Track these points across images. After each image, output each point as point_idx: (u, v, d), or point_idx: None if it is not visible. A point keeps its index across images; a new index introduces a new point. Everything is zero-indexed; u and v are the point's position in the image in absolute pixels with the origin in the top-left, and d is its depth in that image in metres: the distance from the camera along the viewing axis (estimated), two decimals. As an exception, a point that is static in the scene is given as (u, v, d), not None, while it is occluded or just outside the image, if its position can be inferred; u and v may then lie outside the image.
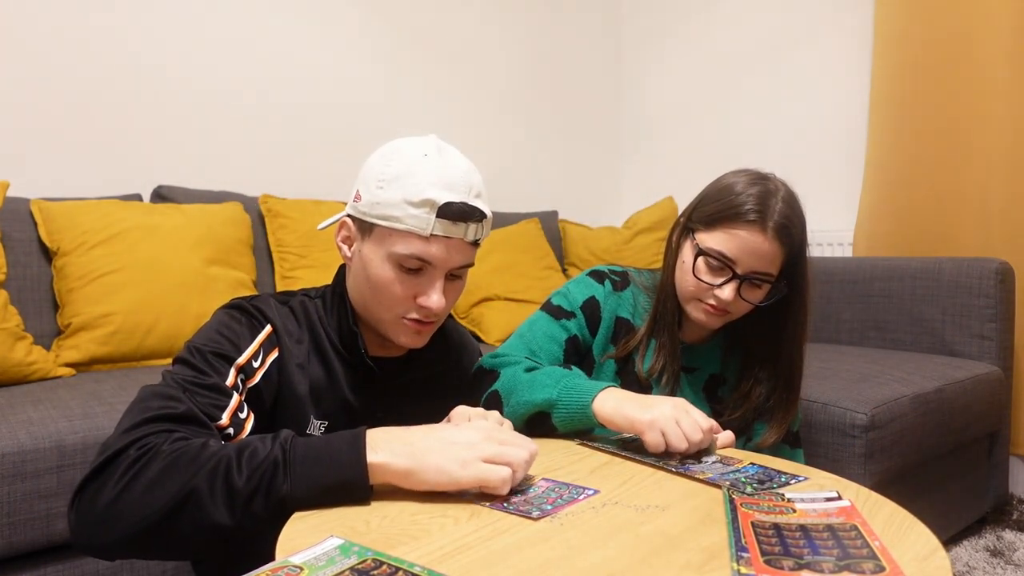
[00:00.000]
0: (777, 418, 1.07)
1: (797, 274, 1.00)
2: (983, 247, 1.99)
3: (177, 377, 0.75)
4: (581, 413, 0.87)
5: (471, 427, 0.70)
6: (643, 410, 0.82)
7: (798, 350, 1.05)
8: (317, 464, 0.65)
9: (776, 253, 0.96)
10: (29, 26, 1.71)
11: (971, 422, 1.62)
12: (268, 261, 1.88)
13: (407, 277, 0.83)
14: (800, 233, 0.98)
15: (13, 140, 1.70)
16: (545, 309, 1.10)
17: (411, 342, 0.88)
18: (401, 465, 0.65)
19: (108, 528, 0.64)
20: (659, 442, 0.80)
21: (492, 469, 0.66)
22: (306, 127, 2.20)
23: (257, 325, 0.86)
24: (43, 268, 1.55)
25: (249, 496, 0.63)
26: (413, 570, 0.52)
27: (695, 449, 0.81)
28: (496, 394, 0.95)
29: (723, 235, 0.97)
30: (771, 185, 0.98)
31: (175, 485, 0.63)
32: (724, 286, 0.97)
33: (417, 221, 0.80)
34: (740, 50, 2.67)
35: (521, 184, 2.78)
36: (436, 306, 0.83)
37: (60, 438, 1.05)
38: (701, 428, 0.81)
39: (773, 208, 0.95)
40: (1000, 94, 1.93)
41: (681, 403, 0.83)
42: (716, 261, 0.98)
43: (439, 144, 0.84)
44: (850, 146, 2.36)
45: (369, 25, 2.33)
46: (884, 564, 0.53)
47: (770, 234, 0.94)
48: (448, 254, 0.82)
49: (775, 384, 1.06)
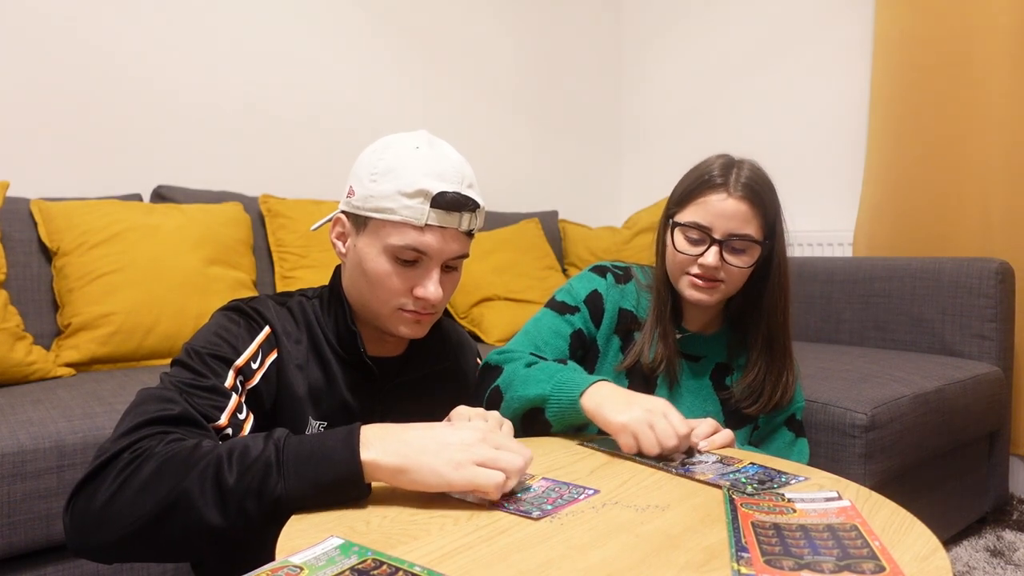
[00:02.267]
0: (767, 383, 1.07)
1: (774, 238, 1.04)
2: (983, 247, 1.99)
3: (175, 380, 0.75)
4: (571, 408, 0.87)
5: (467, 427, 0.69)
6: (618, 411, 0.81)
7: (780, 313, 1.07)
8: (311, 462, 0.64)
9: (747, 213, 0.99)
10: (29, 27, 1.71)
11: (971, 422, 1.62)
12: (268, 261, 1.88)
13: (403, 269, 0.83)
14: (769, 195, 1.02)
15: (13, 140, 1.70)
16: (550, 306, 1.12)
17: (411, 332, 0.88)
18: (392, 463, 0.64)
19: (102, 530, 0.64)
20: (631, 444, 0.80)
21: (485, 473, 0.64)
22: (306, 127, 2.20)
23: (255, 327, 0.85)
24: (43, 268, 1.55)
25: (241, 496, 0.62)
26: (413, 570, 0.52)
27: (669, 454, 0.80)
28: (497, 390, 0.96)
29: (694, 207, 1.02)
30: (734, 158, 1.04)
31: (166, 486, 0.63)
32: (706, 253, 1.00)
33: (411, 211, 0.80)
34: (740, 50, 2.67)
35: (521, 184, 2.78)
36: (433, 297, 0.83)
37: (60, 438, 1.05)
38: (677, 434, 0.79)
39: (737, 173, 1.00)
40: (1000, 94, 1.93)
41: (660, 406, 0.82)
42: (694, 232, 1.02)
43: (430, 138, 0.86)
44: (850, 146, 2.36)
45: (369, 25, 2.33)
46: (884, 564, 0.53)
47: (737, 194, 0.99)
48: (443, 244, 0.83)
49: (764, 350, 1.08)
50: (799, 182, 2.44)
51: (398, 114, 2.40)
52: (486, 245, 2.21)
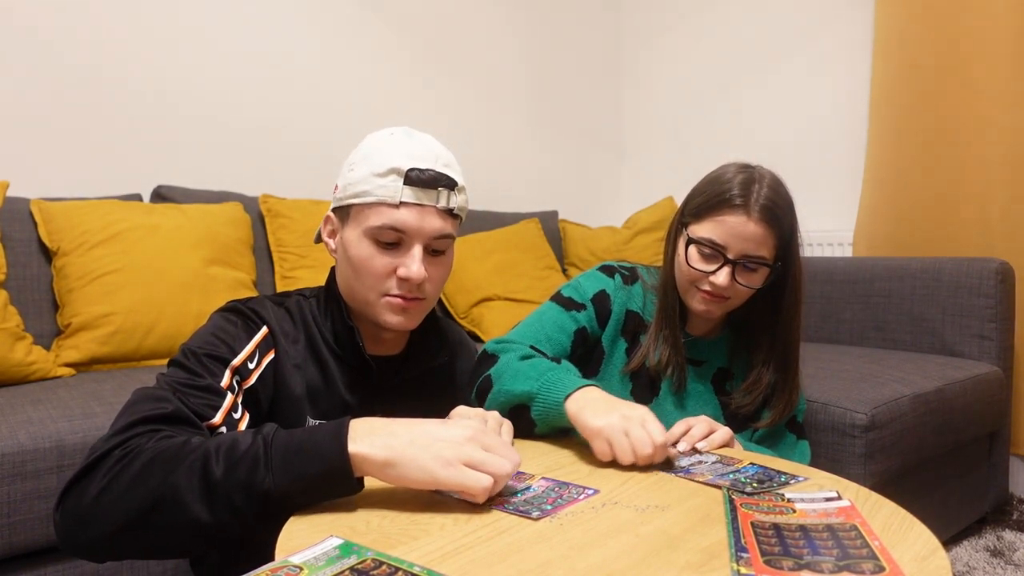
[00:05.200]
0: (777, 400, 1.08)
1: (789, 256, 1.03)
2: (983, 247, 1.99)
3: (170, 379, 0.75)
4: (555, 409, 0.85)
5: (457, 425, 0.68)
6: (596, 416, 0.79)
7: (794, 331, 1.07)
8: (299, 455, 0.63)
9: (764, 235, 0.98)
10: (30, 27, 1.71)
11: (971, 422, 1.62)
12: (268, 261, 1.88)
13: (386, 252, 0.83)
14: (787, 216, 1.01)
15: (13, 140, 1.70)
16: (555, 300, 1.10)
17: (400, 321, 0.86)
18: (380, 456, 0.64)
19: (91, 527, 0.63)
20: (604, 451, 0.78)
21: (473, 476, 0.64)
22: (306, 127, 2.20)
23: (253, 327, 0.85)
24: (43, 268, 1.55)
25: (229, 490, 0.62)
26: (413, 570, 0.52)
27: (643, 463, 0.77)
28: (488, 379, 0.94)
29: (711, 223, 1.00)
30: (755, 173, 1.01)
31: (155, 481, 0.62)
32: (718, 272, 1.00)
33: (385, 190, 0.81)
34: (740, 50, 2.67)
35: (521, 184, 2.78)
36: (416, 276, 0.83)
37: (60, 438, 1.05)
38: (653, 442, 0.76)
39: (758, 192, 0.98)
40: (1000, 94, 1.93)
41: (639, 414, 0.79)
42: (708, 249, 1.00)
43: (408, 129, 0.87)
44: (850, 146, 2.36)
45: (369, 25, 2.33)
46: (884, 564, 0.53)
47: (755, 217, 0.97)
48: (421, 221, 0.82)
49: (775, 367, 1.08)
50: (799, 182, 2.40)
51: (399, 114, 2.40)
52: (486, 245, 2.21)
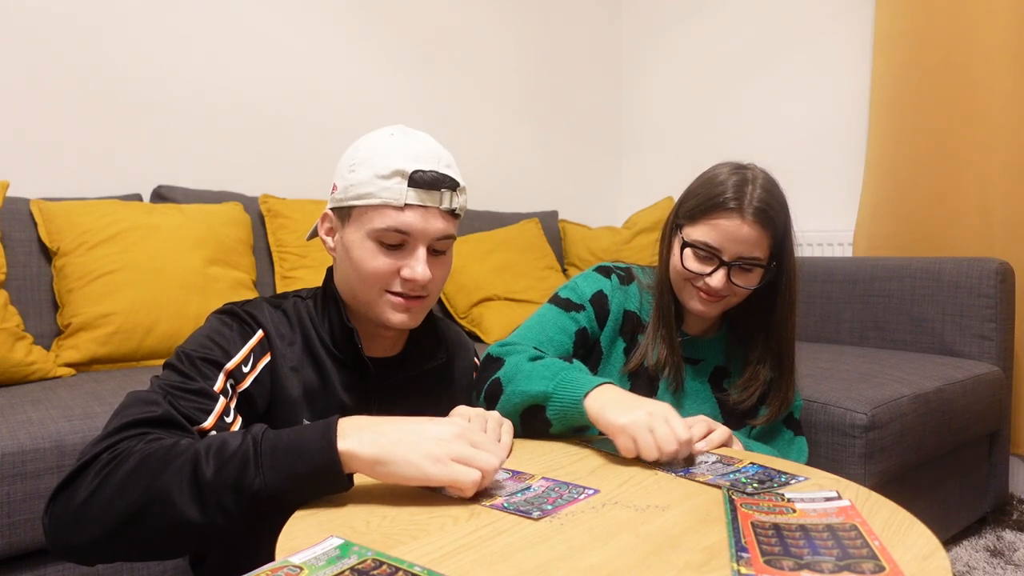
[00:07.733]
0: (773, 396, 1.09)
1: (783, 254, 1.03)
2: (983, 247, 1.99)
3: (163, 383, 0.76)
4: (574, 408, 0.85)
5: (445, 422, 0.68)
6: (620, 413, 0.80)
7: (789, 328, 1.08)
8: (288, 454, 0.64)
9: (758, 237, 0.98)
10: (29, 26, 1.71)
11: (971, 422, 1.62)
12: (268, 261, 1.88)
13: (389, 253, 0.84)
14: (781, 215, 1.01)
15: (13, 140, 1.70)
16: (553, 302, 1.11)
17: (402, 320, 0.86)
18: (369, 454, 0.64)
19: (81, 531, 0.63)
20: (630, 447, 0.79)
21: (463, 471, 0.64)
22: (306, 127, 2.20)
23: (248, 330, 0.85)
24: (43, 268, 1.55)
25: (219, 491, 0.62)
26: (413, 570, 0.52)
27: (667, 459, 0.78)
28: (498, 382, 0.94)
29: (706, 226, 1.00)
30: (749, 174, 1.01)
31: (144, 483, 0.63)
32: (713, 274, 1.00)
33: (390, 193, 0.81)
34: (740, 50, 2.67)
35: (521, 184, 2.78)
36: (421, 277, 0.83)
37: (60, 438, 1.05)
38: (678, 439, 0.77)
39: (751, 195, 0.98)
40: (1000, 94, 1.93)
41: (663, 411, 0.80)
42: (703, 251, 1.01)
43: (405, 128, 0.87)
44: (850, 146, 2.36)
45: (370, 26, 2.33)
46: (884, 564, 0.53)
47: (749, 219, 0.97)
48: (425, 223, 0.83)
49: (771, 364, 1.08)
50: (799, 182, 2.44)
51: (398, 114, 2.40)
52: (486, 245, 2.21)
